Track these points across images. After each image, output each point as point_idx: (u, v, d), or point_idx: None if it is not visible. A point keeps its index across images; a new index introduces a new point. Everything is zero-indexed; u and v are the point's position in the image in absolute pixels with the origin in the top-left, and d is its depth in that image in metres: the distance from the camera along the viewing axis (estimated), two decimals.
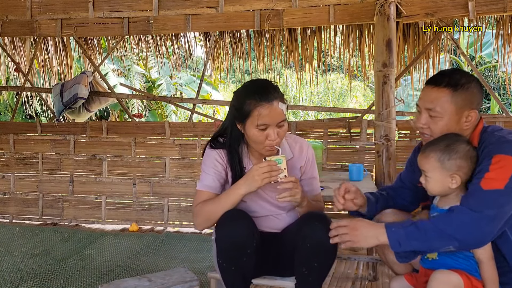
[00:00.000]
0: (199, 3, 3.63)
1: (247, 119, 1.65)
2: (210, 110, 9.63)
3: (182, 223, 3.92)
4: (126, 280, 2.17)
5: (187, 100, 4.60)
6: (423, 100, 1.55)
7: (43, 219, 4.14)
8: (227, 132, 1.77)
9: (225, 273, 1.65)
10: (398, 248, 1.42)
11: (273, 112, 1.63)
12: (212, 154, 1.76)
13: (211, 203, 1.69)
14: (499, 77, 8.05)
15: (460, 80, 1.50)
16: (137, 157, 4.00)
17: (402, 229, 1.43)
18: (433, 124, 1.52)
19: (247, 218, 1.64)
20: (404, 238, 1.41)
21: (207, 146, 1.80)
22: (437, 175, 1.47)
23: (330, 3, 3.40)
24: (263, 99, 1.62)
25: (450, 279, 1.40)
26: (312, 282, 1.65)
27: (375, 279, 2.62)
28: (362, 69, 3.85)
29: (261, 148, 1.69)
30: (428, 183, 1.51)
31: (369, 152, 3.49)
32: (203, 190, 1.74)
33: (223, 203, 1.66)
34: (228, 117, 1.78)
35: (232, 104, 1.73)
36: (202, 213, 1.69)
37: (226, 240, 1.59)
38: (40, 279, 2.64)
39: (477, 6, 3.10)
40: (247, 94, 1.67)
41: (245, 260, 1.60)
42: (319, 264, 1.61)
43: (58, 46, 4.35)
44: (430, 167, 1.49)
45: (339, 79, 11.46)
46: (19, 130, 4.27)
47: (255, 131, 1.64)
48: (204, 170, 1.77)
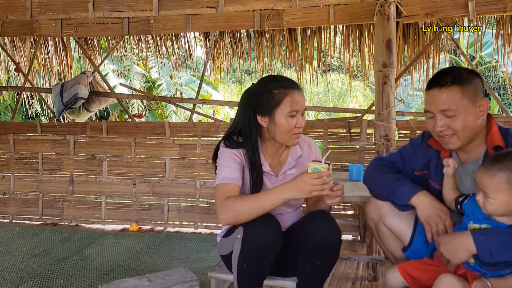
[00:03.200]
0: (199, 3, 3.63)
1: (277, 108, 1.66)
2: (210, 110, 9.63)
3: (182, 223, 3.92)
4: (126, 280, 2.17)
5: (187, 100, 4.60)
6: (435, 104, 1.53)
7: (43, 219, 4.14)
8: (243, 131, 1.74)
9: (242, 273, 1.63)
10: (489, 258, 1.34)
11: (302, 98, 1.71)
12: (229, 151, 1.73)
13: (245, 200, 1.61)
14: (499, 77, 8.05)
15: (462, 75, 1.51)
16: (137, 157, 4.00)
17: (493, 238, 1.35)
18: (452, 122, 1.51)
19: (277, 222, 1.61)
20: (496, 248, 1.33)
21: (219, 145, 1.77)
22: (503, 197, 1.33)
23: (330, 3, 3.40)
24: (292, 86, 1.69)
25: (453, 284, 1.37)
26: (314, 282, 1.65)
27: (375, 279, 2.61)
28: (362, 69, 3.84)
29: (288, 138, 1.70)
30: (489, 204, 1.36)
31: (369, 152, 3.49)
32: (226, 182, 1.66)
33: (261, 203, 1.57)
34: (242, 116, 1.76)
35: (253, 99, 1.72)
36: (232, 209, 1.59)
37: (254, 242, 1.56)
38: (40, 279, 2.64)
39: (477, 6, 3.10)
40: (273, 85, 1.69)
41: (266, 264, 1.61)
42: (322, 263, 1.62)
43: (58, 46, 4.35)
44: (496, 188, 1.34)
45: (339, 79, 11.47)
46: (19, 130, 4.27)
47: (285, 119, 1.66)
48: (223, 164, 1.70)
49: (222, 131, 3.82)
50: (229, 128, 1.82)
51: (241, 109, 1.78)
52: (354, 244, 3.35)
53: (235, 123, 1.79)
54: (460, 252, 1.39)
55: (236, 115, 1.81)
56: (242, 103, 1.78)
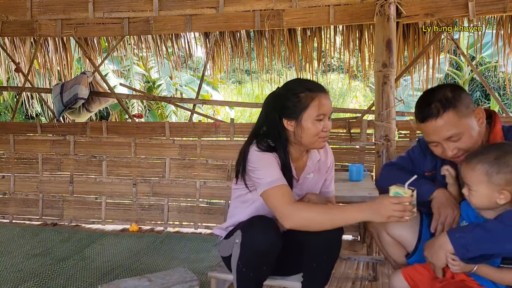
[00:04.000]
0: (199, 3, 3.63)
1: (304, 112, 1.64)
2: (210, 110, 9.63)
3: (182, 223, 3.92)
4: (126, 280, 2.17)
5: (187, 101, 4.60)
6: (437, 135, 1.53)
7: (43, 219, 4.14)
8: (272, 134, 1.69)
9: (241, 277, 1.64)
10: (465, 254, 1.36)
11: (329, 101, 1.68)
12: (268, 155, 1.65)
13: (316, 211, 1.55)
14: (499, 77, 8.06)
15: (447, 96, 1.51)
16: (137, 157, 4.00)
17: (468, 233, 1.37)
18: (461, 144, 1.51)
19: (276, 227, 1.61)
20: (471, 243, 1.34)
21: (248, 149, 1.67)
22: (484, 189, 1.36)
23: (330, 3, 3.40)
24: (319, 89, 1.67)
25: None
26: (321, 277, 1.68)
27: (375, 279, 2.61)
28: (362, 69, 3.85)
29: (315, 141, 1.67)
30: (472, 196, 1.40)
31: (369, 152, 3.49)
32: (278, 184, 1.58)
33: (334, 217, 1.52)
34: (267, 119, 1.72)
35: (279, 103, 1.68)
36: (302, 217, 1.53)
37: (252, 247, 1.56)
38: (40, 279, 2.64)
39: (477, 6, 3.10)
40: (299, 89, 1.67)
41: (265, 268, 1.62)
42: (327, 257, 1.65)
43: (58, 47, 4.35)
44: (476, 180, 1.37)
45: (339, 79, 11.48)
46: (19, 130, 4.27)
47: (312, 123, 1.64)
48: (265, 167, 1.62)
49: (222, 131, 3.82)
50: (253, 130, 1.76)
51: (266, 112, 1.74)
52: (354, 244, 3.35)
53: (259, 125, 1.75)
54: (437, 252, 1.41)
55: (260, 117, 1.76)
56: (267, 106, 1.74)
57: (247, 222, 1.63)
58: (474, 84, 10.38)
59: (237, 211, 1.79)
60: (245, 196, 1.75)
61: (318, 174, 1.83)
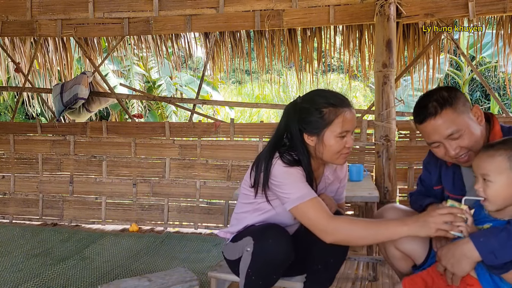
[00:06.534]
0: (199, 4, 3.64)
1: (326, 129, 1.57)
2: (210, 110, 9.63)
3: (182, 224, 3.92)
4: (126, 280, 2.17)
5: (187, 101, 4.60)
6: (438, 133, 1.52)
7: (43, 220, 4.14)
8: (295, 148, 1.63)
9: (249, 283, 1.61)
10: (494, 261, 1.27)
11: (354, 117, 1.61)
12: (295, 169, 1.59)
13: (361, 225, 1.50)
14: (499, 77, 8.06)
15: (443, 95, 1.51)
16: (137, 157, 4.00)
17: (493, 238, 1.28)
18: (462, 142, 1.50)
19: (289, 238, 1.57)
20: (498, 248, 1.26)
21: (272, 162, 1.59)
22: (503, 179, 1.24)
23: (330, 3, 3.41)
24: (343, 104, 1.59)
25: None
26: (325, 279, 1.67)
27: (375, 279, 2.61)
28: (362, 70, 3.85)
29: (336, 158, 1.62)
30: (489, 188, 1.27)
31: (369, 152, 3.49)
32: (311, 198, 1.53)
33: (378, 232, 1.47)
34: (288, 131, 1.66)
35: (300, 116, 1.61)
36: (347, 233, 1.50)
37: (265, 258, 1.54)
38: (40, 279, 2.63)
39: (477, 7, 3.10)
40: (324, 103, 1.58)
41: (275, 277, 1.61)
42: (334, 260, 1.64)
43: (58, 47, 4.35)
44: (495, 168, 1.25)
45: (339, 79, 11.47)
46: (19, 131, 4.27)
47: (334, 140, 1.58)
48: (293, 181, 1.56)
49: (222, 131, 3.82)
50: (273, 141, 1.68)
51: (286, 123, 1.66)
52: None
53: (279, 136, 1.68)
54: (460, 261, 1.32)
55: (280, 127, 1.68)
56: (287, 117, 1.66)
57: (259, 231, 1.59)
58: (474, 84, 10.38)
59: (247, 216, 1.73)
60: (259, 205, 1.69)
61: (335, 182, 1.83)
